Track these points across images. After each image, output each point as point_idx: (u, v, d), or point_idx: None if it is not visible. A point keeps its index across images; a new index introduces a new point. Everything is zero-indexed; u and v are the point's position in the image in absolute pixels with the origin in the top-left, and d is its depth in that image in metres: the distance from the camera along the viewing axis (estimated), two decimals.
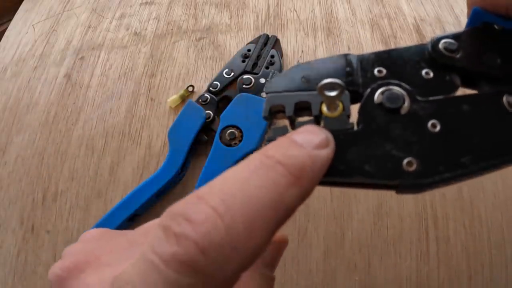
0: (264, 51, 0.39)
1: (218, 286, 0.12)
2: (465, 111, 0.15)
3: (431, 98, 0.16)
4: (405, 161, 0.14)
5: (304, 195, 0.13)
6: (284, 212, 0.13)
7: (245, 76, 0.37)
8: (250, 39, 0.43)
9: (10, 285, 0.32)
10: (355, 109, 0.16)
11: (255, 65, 0.38)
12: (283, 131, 0.16)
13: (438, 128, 0.15)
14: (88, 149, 0.37)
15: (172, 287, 0.11)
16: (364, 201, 0.33)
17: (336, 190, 0.34)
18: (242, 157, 0.33)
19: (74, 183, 0.35)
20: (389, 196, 0.33)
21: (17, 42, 0.46)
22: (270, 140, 0.15)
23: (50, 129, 0.38)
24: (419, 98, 0.16)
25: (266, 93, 0.17)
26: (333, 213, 0.33)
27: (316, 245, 0.32)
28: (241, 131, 0.33)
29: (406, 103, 0.16)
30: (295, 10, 0.46)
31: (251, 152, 0.33)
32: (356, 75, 0.17)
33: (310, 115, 0.16)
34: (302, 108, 0.16)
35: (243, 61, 0.39)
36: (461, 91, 0.17)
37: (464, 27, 0.18)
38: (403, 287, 0.30)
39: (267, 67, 0.38)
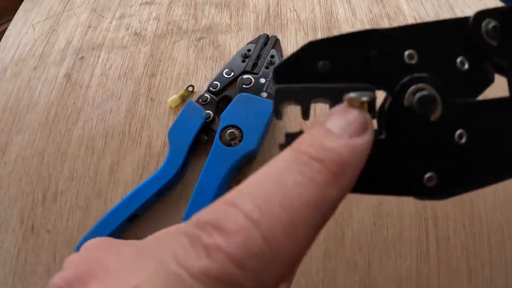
0: (264, 51, 0.39)
1: None
2: (492, 118, 0.14)
3: (460, 101, 0.14)
4: (426, 176, 0.13)
5: (345, 191, 0.12)
6: (326, 212, 0.11)
7: (245, 76, 0.37)
8: (250, 39, 0.43)
9: (10, 285, 0.32)
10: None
11: (255, 65, 0.38)
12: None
13: (464, 139, 0.14)
14: (88, 149, 0.37)
15: None
16: (364, 201, 0.33)
17: None
18: (242, 157, 0.33)
19: (74, 183, 0.35)
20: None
21: (17, 42, 0.46)
22: (283, 147, 0.13)
23: (50, 129, 0.39)
24: (451, 100, 0.14)
25: (275, 81, 0.14)
26: None
27: (316, 244, 0.32)
28: (241, 131, 0.33)
29: (438, 109, 0.14)
30: (295, 10, 0.46)
31: (251, 152, 0.33)
32: (383, 61, 0.14)
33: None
34: (319, 100, 0.14)
35: (243, 61, 0.39)
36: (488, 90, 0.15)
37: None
38: (403, 287, 0.30)
39: (267, 67, 0.38)
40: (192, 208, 0.31)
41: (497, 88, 0.16)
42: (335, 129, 0.12)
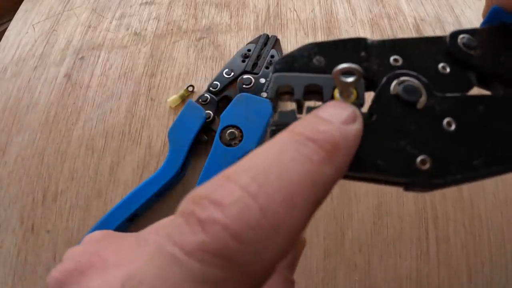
0: (264, 51, 0.39)
1: (254, 278, 0.10)
2: (481, 112, 0.15)
3: (448, 95, 0.15)
4: (419, 158, 0.14)
5: (338, 173, 0.12)
6: (322, 190, 0.11)
7: (245, 76, 0.37)
8: (250, 39, 0.43)
9: (10, 285, 0.32)
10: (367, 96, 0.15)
11: (255, 65, 0.38)
12: (290, 116, 0.15)
13: (453, 127, 0.14)
14: (88, 149, 0.37)
15: (198, 283, 0.09)
16: (364, 201, 0.33)
17: (336, 190, 0.34)
18: (242, 157, 0.33)
19: (74, 183, 0.35)
20: (389, 195, 0.33)
21: (17, 42, 0.46)
22: (276, 125, 0.14)
23: (50, 129, 0.39)
24: (436, 93, 0.15)
25: (274, 72, 0.15)
26: (333, 213, 0.33)
27: (316, 244, 0.32)
28: (241, 131, 0.33)
29: (423, 97, 0.15)
30: (295, 10, 0.46)
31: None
32: (371, 61, 0.16)
33: (320, 99, 0.15)
34: (312, 92, 0.15)
35: (243, 61, 0.39)
36: (476, 91, 0.16)
37: (463, 26, 0.18)
38: (403, 286, 0.30)
39: (267, 67, 0.38)
40: None
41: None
42: (327, 116, 0.13)
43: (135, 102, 0.39)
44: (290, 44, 0.43)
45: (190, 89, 0.39)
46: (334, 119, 0.12)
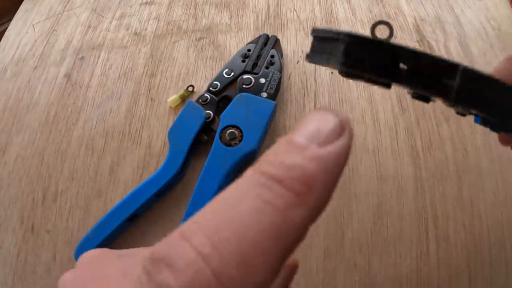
0: (264, 51, 0.39)
1: None
2: None
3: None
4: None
5: (316, 211, 0.10)
6: (291, 238, 0.10)
7: (245, 76, 0.37)
8: (250, 39, 0.43)
9: (10, 285, 0.32)
10: None
11: (255, 65, 0.38)
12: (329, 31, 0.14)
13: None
14: (88, 149, 0.37)
15: None
16: (364, 201, 0.33)
17: (336, 190, 0.34)
18: (242, 157, 0.33)
19: (74, 183, 0.35)
20: (389, 195, 0.33)
21: (17, 42, 0.46)
22: (318, 31, 0.15)
23: (50, 129, 0.39)
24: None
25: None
26: (333, 213, 0.33)
27: (316, 244, 0.32)
28: (241, 131, 0.33)
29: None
30: (295, 10, 0.46)
31: (251, 152, 0.33)
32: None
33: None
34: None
35: (243, 61, 0.39)
36: None
37: (463, 26, 0.18)
38: (403, 286, 0.30)
39: (267, 67, 0.38)
40: (192, 208, 0.31)
41: None
42: (300, 140, 0.10)
43: (135, 102, 0.39)
44: (290, 44, 0.43)
45: (190, 89, 0.39)
46: (309, 143, 0.10)
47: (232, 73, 0.38)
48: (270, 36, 0.41)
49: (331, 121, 0.11)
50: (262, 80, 0.37)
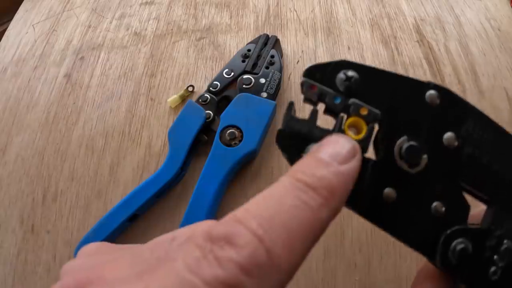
0: (264, 51, 0.39)
1: None
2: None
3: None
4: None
5: (334, 214, 0.14)
6: (319, 230, 0.13)
7: (245, 76, 0.37)
8: (250, 39, 0.43)
9: (10, 285, 0.32)
10: None
11: (255, 65, 0.38)
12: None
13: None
14: (88, 149, 0.37)
15: None
16: None
17: None
18: (242, 157, 0.33)
19: (74, 183, 0.35)
20: None
21: (17, 42, 0.46)
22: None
23: (50, 129, 0.39)
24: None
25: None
26: None
27: (316, 244, 0.32)
28: (241, 131, 0.33)
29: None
30: (295, 10, 0.46)
31: (251, 152, 0.33)
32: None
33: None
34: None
35: (243, 61, 0.39)
36: None
37: (463, 26, 0.18)
38: (403, 286, 0.30)
39: (267, 67, 0.38)
40: (192, 208, 0.31)
41: None
42: (325, 158, 0.14)
43: (135, 102, 0.39)
44: (290, 44, 0.43)
45: (190, 89, 0.39)
46: (332, 160, 0.14)
47: (232, 73, 0.38)
48: (270, 36, 0.41)
49: (347, 146, 0.15)
50: (262, 80, 0.37)
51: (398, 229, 0.16)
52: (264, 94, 0.36)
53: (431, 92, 0.16)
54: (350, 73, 0.15)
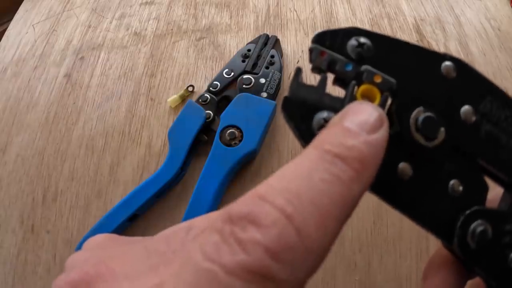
0: (264, 51, 0.39)
1: None
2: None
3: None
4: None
5: (366, 187, 0.12)
6: (351, 208, 0.12)
7: (245, 76, 0.37)
8: (250, 39, 0.43)
9: (10, 285, 0.32)
10: None
11: (255, 65, 0.38)
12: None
13: None
14: (88, 149, 0.37)
15: None
16: (363, 200, 0.33)
17: None
18: (242, 157, 0.33)
19: (74, 183, 0.35)
20: None
21: (17, 42, 0.46)
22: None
23: (50, 129, 0.39)
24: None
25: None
26: None
27: None
28: (241, 131, 0.33)
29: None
30: (295, 10, 0.46)
31: (251, 152, 0.33)
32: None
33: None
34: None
35: (243, 61, 0.39)
36: None
37: (463, 26, 0.18)
38: (403, 286, 0.30)
39: (267, 67, 0.38)
40: (192, 208, 0.31)
41: None
42: (353, 127, 0.12)
43: (135, 102, 0.39)
44: (290, 44, 0.43)
45: (190, 89, 0.39)
46: (360, 130, 0.12)
47: (232, 73, 0.38)
48: (270, 36, 0.41)
49: (374, 114, 0.13)
50: (262, 80, 0.37)
51: (414, 208, 0.14)
52: (264, 94, 0.36)
53: (447, 63, 0.15)
54: (363, 39, 0.14)
